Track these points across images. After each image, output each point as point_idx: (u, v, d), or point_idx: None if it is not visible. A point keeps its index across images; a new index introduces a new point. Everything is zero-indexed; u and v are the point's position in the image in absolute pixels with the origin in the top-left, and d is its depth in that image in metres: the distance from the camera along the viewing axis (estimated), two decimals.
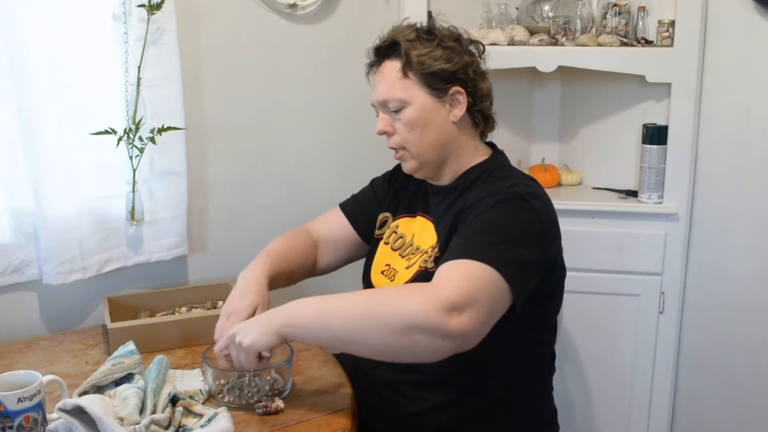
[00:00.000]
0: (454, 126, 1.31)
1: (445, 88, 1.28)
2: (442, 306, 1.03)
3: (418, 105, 1.28)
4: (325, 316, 1.12)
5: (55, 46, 1.49)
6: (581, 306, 2.03)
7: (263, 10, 1.83)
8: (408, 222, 1.43)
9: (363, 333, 1.09)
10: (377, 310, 1.08)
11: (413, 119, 1.29)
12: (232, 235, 1.88)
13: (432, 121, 1.29)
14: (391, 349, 1.09)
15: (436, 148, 1.32)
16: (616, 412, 2.10)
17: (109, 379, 1.24)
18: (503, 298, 1.11)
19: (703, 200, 1.97)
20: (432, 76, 1.28)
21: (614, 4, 2.00)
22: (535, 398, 1.38)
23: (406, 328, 1.05)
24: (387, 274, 1.39)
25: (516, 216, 1.18)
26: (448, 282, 1.07)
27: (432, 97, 1.29)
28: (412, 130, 1.30)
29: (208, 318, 1.51)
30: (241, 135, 1.86)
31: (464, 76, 1.29)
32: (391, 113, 1.31)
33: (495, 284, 1.09)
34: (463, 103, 1.30)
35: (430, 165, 1.34)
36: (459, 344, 1.06)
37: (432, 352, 1.07)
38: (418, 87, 1.28)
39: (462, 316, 1.04)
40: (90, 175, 1.60)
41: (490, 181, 1.29)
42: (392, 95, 1.29)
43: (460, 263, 1.10)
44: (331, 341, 1.13)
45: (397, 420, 1.33)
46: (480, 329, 1.07)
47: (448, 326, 1.03)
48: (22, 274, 1.57)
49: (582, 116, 2.22)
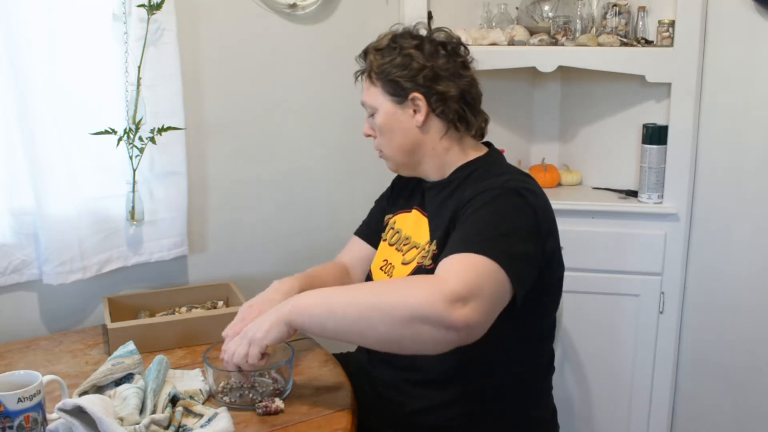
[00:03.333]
0: (419, 130, 1.34)
1: (403, 94, 1.32)
2: (447, 297, 1.04)
3: (383, 111, 1.35)
4: (331, 305, 1.14)
5: (55, 46, 1.49)
6: (581, 306, 2.03)
7: (263, 10, 1.83)
8: (404, 217, 1.45)
9: (368, 323, 1.10)
10: (382, 301, 1.10)
11: (381, 125, 1.36)
12: (232, 235, 1.88)
13: (396, 127, 1.35)
14: (396, 339, 1.10)
15: (403, 152, 1.37)
16: (616, 412, 2.10)
17: (109, 379, 1.24)
18: (505, 291, 1.12)
19: (703, 200, 1.97)
20: (390, 84, 1.33)
21: (614, 4, 2.00)
22: (535, 397, 1.38)
23: (410, 318, 1.06)
24: (385, 270, 1.40)
25: (512, 210, 1.20)
26: (452, 274, 1.08)
27: (394, 104, 1.34)
28: (382, 135, 1.37)
29: (208, 318, 1.51)
30: (241, 135, 1.86)
31: (421, 81, 1.32)
32: (370, 118, 1.39)
33: (497, 276, 1.10)
34: (423, 107, 1.32)
35: (404, 166, 1.40)
36: (463, 336, 1.06)
37: (436, 344, 1.08)
38: (382, 94, 1.35)
39: (466, 308, 1.04)
40: (90, 175, 1.60)
41: (485, 176, 1.30)
42: (366, 100, 1.38)
43: (462, 256, 1.11)
44: (337, 330, 1.14)
45: (396, 419, 1.33)
46: (484, 321, 1.08)
47: (453, 317, 1.03)
48: (22, 274, 1.57)
49: (582, 116, 2.22)
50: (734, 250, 1.93)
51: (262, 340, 1.17)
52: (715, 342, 1.99)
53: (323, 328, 1.15)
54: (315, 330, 1.18)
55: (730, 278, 1.94)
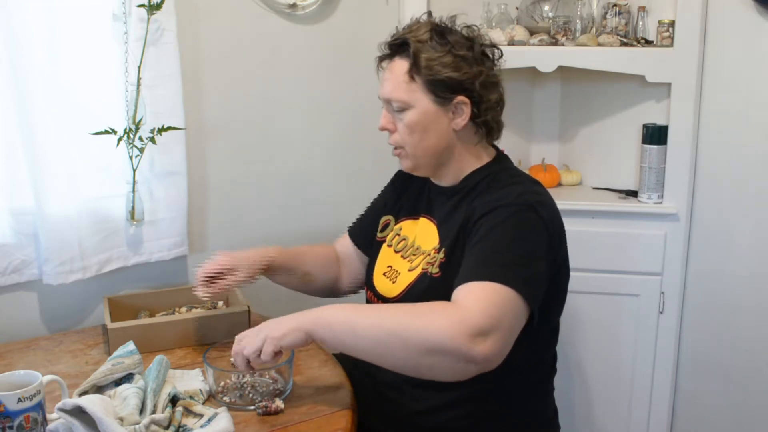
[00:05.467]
0: (454, 134, 1.30)
1: (450, 97, 1.26)
2: (470, 331, 1.04)
3: (420, 109, 1.27)
4: (354, 325, 1.13)
5: (56, 46, 1.49)
6: (581, 306, 2.03)
7: (263, 10, 1.83)
8: (411, 224, 1.43)
9: (387, 347, 1.10)
10: (404, 328, 1.09)
11: (414, 122, 1.28)
12: (232, 235, 1.88)
13: (432, 127, 1.28)
14: (413, 366, 1.11)
15: (433, 153, 1.31)
16: (616, 412, 2.10)
17: (109, 379, 1.23)
18: (522, 316, 1.13)
19: (703, 200, 1.97)
20: (438, 84, 1.25)
21: (614, 4, 2.00)
22: (537, 399, 1.38)
23: (431, 349, 1.06)
24: (389, 276, 1.39)
25: (528, 229, 1.19)
26: (475, 306, 1.07)
27: (435, 104, 1.27)
28: (411, 133, 1.29)
29: (208, 318, 1.51)
30: (241, 135, 1.86)
31: (471, 86, 1.26)
32: (394, 112, 1.31)
33: (517, 305, 1.11)
34: (466, 113, 1.28)
35: (426, 167, 1.35)
36: (481, 368, 1.07)
37: (454, 374, 1.09)
38: (423, 92, 1.26)
39: (487, 342, 1.05)
40: (90, 175, 1.59)
41: (496, 186, 1.28)
42: (396, 95, 1.28)
43: (483, 285, 1.10)
44: (356, 349, 1.14)
45: (397, 420, 1.33)
46: (503, 351, 1.09)
47: (473, 351, 1.04)
48: (22, 274, 1.57)
49: (582, 116, 2.22)
50: (734, 250, 1.93)
51: (279, 341, 1.15)
52: (715, 342, 1.99)
53: (342, 344, 1.15)
54: (333, 345, 1.17)
55: (730, 278, 1.94)
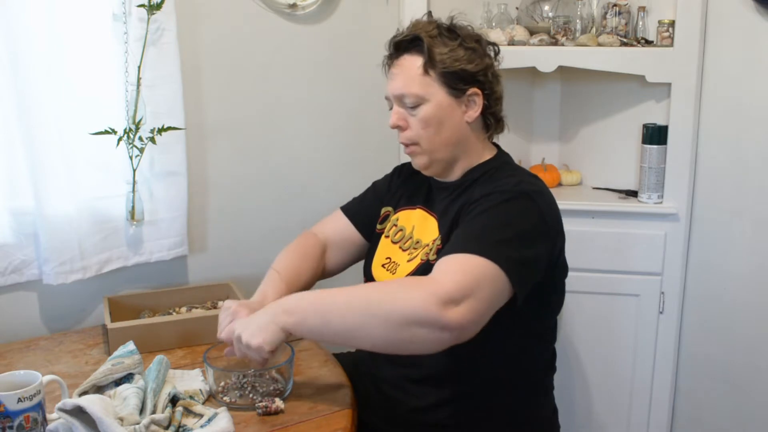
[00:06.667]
0: (467, 126, 1.32)
1: (463, 89, 1.29)
2: (440, 299, 1.05)
3: (435, 103, 1.29)
4: (325, 314, 1.14)
5: (56, 46, 1.49)
6: (581, 306, 2.03)
7: (263, 10, 1.83)
8: (407, 214, 1.44)
9: (363, 328, 1.11)
10: (376, 306, 1.10)
11: (429, 116, 1.29)
12: (232, 235, 1.88)
13: (447, 120, 1.30)
14: (391, 342, 1.11)
15: (448, 147, 1.33)
16: (616, 412, 2.10)
17: (109, 379, 1.23)
18: (502, 291, 1.12)
19: (703, 200, 1.97)
20: (452, 76, 1.28)
21: (614, 4, 2.00)
22: (536, 397, 1.38)
23: (404, 322, 1.07)
24: (388, 268, 1.39)
25: (520, 214, 1.20)
26: (445, 275, 1.09)
27: (450, 97, 1.29)
28: (426, 127, 1.30)
29: (208, 318, 1.51)
30: (241, 135, 1.86)
31: (483, 78, 1.30)
32: (407, 108, 1.32)
33: (493, 277, 1.10)
34: (479, 104, 1.31)
35: (440, 162, 1.35)
36: (456, 336, 1.08)
37: (431, 344, 1.09)
38: (438, 85, 1.29)
39: (459, 308, 1.05)
40: (90, 175, 1.60)
41: (495, 178, 1.30)
42: (410, 90, 1.29)
43: (458, 257, 1.12)
44: (334, 336, 1.16)
45: (396, 416, 1.33)
46: (477, 320, 1.09)
47: (446, 318, 1.05)
48: (22, 274, 1.57)
49: (582, 116, 2.22)
50: (734, 250, 1.93)
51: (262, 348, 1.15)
52: (715, 342, 1.99)
53: (321, 335, 1.18)
54: (311, 337, 1.20)
55: (730, 278, 1.94)
